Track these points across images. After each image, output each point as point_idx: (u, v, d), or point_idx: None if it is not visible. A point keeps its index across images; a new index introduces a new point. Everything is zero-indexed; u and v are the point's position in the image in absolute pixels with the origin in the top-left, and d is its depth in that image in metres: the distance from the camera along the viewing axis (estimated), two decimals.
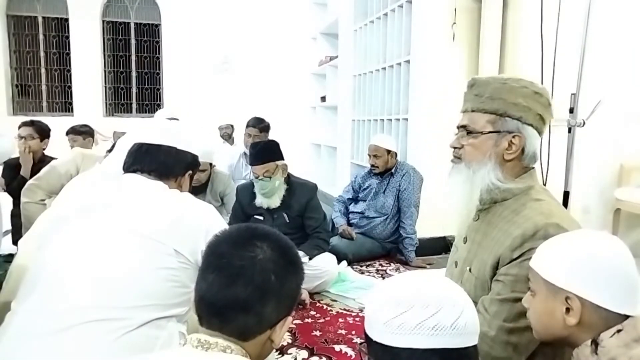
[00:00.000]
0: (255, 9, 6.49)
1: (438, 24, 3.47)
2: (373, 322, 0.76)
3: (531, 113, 1.16)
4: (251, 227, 0.90)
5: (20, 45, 6.53)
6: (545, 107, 1.18)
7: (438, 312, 0.70)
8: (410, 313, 0.71)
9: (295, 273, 0.88)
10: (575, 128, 2.19)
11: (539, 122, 1.18)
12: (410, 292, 0.74)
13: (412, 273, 0.82)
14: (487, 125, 1.18)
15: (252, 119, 3.87)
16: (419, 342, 0.70)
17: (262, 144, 2.66)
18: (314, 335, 2.20)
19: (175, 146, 1.40)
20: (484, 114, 1.18)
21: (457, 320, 0.71)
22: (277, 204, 2.65)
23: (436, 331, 0.70)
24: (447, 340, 0.70)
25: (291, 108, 6.65)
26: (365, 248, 3.39)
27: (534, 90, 1.17)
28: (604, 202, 2.98)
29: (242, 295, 0.79)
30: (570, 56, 2.30)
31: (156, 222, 1.19)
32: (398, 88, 3.93)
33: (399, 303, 0.73)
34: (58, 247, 1.19)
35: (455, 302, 0.73)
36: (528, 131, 1.16)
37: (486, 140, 1.18)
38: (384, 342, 0.73)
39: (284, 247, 0.87)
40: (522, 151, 1.18)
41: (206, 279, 0.82)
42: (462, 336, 0.71)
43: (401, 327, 0.71)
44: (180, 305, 1.19)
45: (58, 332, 1.05)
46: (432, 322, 0.70)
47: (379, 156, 3.43)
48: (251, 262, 0.81)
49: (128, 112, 6.92)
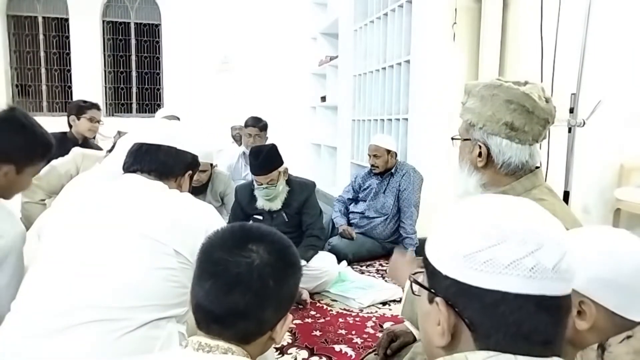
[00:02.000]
0: (255, 8, 6.49)
1: (438, 24, 3.47)
2: (445, 252, 0.60)
3: (496, 123, 1.14)
4: (245, 228, 0.87)
5: (20, 45, 6.52)
6: (517, 114, 1.13)
7: (539, 249, 0.56)
8: (503, 248, 0.56)
9: (293, 274, 0.86)
10: (575, 128, 2.19)
11: (507, 131, 1.14)
12: (502, 221, 0.58)
13: (498, 197, 0.66)
14: (464, 133, 1.24)
15: (250, 118, 3.86)
16: (512, 285, 0.55)
17: (264, 153, 2.57)
18: (314, 335, 2.20)
19: (175, 146, 1.40)
20: (463, 122, 1.24)
21: (560, 262, 0.56)
22: (279, 206, 2.66)
23: (535, 273, 0.55)
24: (547, 285, 0.56)
25: (291, 108, 6.65)
26: (365, 248, 3.39)
27: (506, 97, 1.13)
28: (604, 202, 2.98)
29: (240, 303, 0.77)
30: (570, 56, 2.30)
31: (156, 222, 1.19)
32: (398, 88, 3.93)
33: (487, 234, 0.57)
34: (57, 247, 1.19)
35: (559, 240, 0.58)
36: (493, 140, 1.16)
37: (464, 147, 1.25)
38: (462, 279, 0.58)
39: (280, 249, 0.85)
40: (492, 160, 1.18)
41: (202, 286, 0.80)
42: (563, 282, 0.57)
43: (489, 264, 0.56)
44: (179, 305, 1.19)
45: (57, 332, 1.05)
46: (531, 261, 0.55)
47: (379, 156, 3.43)
48: (248, 268, 0.79)
49: (128, 112, 6.92)
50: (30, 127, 1.39)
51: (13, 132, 1.34)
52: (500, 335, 0.56)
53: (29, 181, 1.44)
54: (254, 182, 2.65)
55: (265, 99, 6.41)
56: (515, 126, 1.14)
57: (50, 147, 1.45)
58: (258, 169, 2.57)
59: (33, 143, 1.38)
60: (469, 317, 0.58)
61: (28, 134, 1.37)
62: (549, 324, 0.57)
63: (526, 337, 0.56)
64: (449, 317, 0.59)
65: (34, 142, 1.39)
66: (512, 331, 0.56)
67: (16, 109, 1.40)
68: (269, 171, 2.56)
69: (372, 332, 2.24)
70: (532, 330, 0.56)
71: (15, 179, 1.37)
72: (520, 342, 0.56)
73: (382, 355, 1.38)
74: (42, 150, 1.42)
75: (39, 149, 1.41)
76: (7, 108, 1.37)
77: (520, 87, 1.15)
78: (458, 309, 0.58)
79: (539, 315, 0.56)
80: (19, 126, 1.36)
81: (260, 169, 2.56)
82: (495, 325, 0.56)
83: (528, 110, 1.13)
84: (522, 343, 0.56)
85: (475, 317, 0.57)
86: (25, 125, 1.37)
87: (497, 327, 0.56)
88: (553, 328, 0.57)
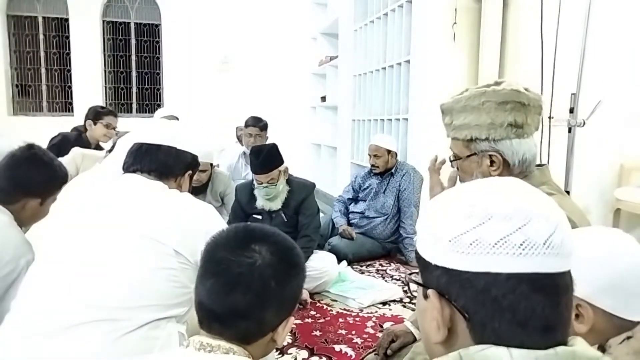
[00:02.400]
0: (255, 8, 6.49)
1: (438, 24, 3.47)
2: (431, 240, 0.57)
3: (499, 128, 1.15)
4: (249, 228, 0.87)
5: (20, 45, 6.52)
6: (515, 111, 1.15)
7: (526, 224, 0.51)
8: (489, 226, 0.52)
9: (296, 276, 0.85)
10: (575, 128, 2.19)
11: (513, 130, 1.16)
12: (484, 200, 0.54)
13: (481, 180, 0.62)
14: (464, 150, 1.22)
15: (250, 118, 3.85)
16: (502, 265, 0.51)
17: (264, 153, 2.57)
18: (314, 335, 2.20)
19: (175, 146, 1.40)
20: (459, 141, 1.23)
21: (551, 236, 0.52)
22: (278, 206, 2.66)
23: (525, 249, 0.51)
24: (539, 262, 0.51)
25: (291, 108, 6.65)
26: (365, 248, 3.39)
27: (497, 101, 1.14)
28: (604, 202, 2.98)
29: (241, 302, 0.77)
30: (570, 56, 2.30)
31: (156, 222, 1.19)
32: (398, 88, 3.93)
33: (470, 214, 0.54)
34: (57, 247, 1.19)
35: (548, 213, 0.53)
36: (503, 145, 1.17)
37: (469, 163, 1.22)
38: (451, 265, 0.54)
39: (283, 250, 0.84)
40: (508, 164, 1.18)
41: (204, 284, 0.80)
42: (558, 257, 0.52)
43: (476, 245, 0.52)
44: (179, 305, 1.19)
45: (57, 332, 1.05)
46: (519, 237, 0.51)
47: (380, 156, 3.43)
48: (250, 268, 0.79)
49: (128, 112, 6.92)
50: (50, 162, 1.52)
51: (35, 169, 1.47)
52: (496, 324, 0.52)
53: (48, 210, 1.55)
54: (254, 182, 2.65)
55: (265, 99, 6.41)
56: (519, 123, 1.15)
57: (66, 178, 1.57)
58: (259, 168, 2.57)
59: (54, 177, 1.52)
60: (463, 306, 0.54)
61: (49, 170, 1.51)
62: (547, 306, 0.52)
63: (523, 324, 0.52)
64: (442, 310, 0.56)
65: (54, 176, 1.52)
66: (507, 318, 0.52)
67: (34, 146, 1.52)
68: (270, 170, 2.56)
69: (372, 332, 2.24)
70: (529, 315, 0.51)
71: (39, 210, 1.50)
72: (517, 330, 0.52)
73: (382, 355, 1.38)
74: (61, 182, 1.54)
75: (58, 182, 1.54)
76: (25, 146, 1.50)
77: (504, 87, 1.16)
78: (451, 298, 0.55)
79: (534, 297, 0.51)
80: (42, 164, 1.49)
81: (260, 168, 2.57)
82: (489, 313, 0.52)
83: (524, 104, 1.15)
84: (519, 331, 0.52)
85: (469, 305, 0.53)
86: (46, 162, 1.51)
87: (491, 315, 0.52)
88: (552, 311, 0.52)
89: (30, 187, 1.46)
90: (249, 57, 6.60)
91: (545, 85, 2.28)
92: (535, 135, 1.24)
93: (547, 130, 2.25)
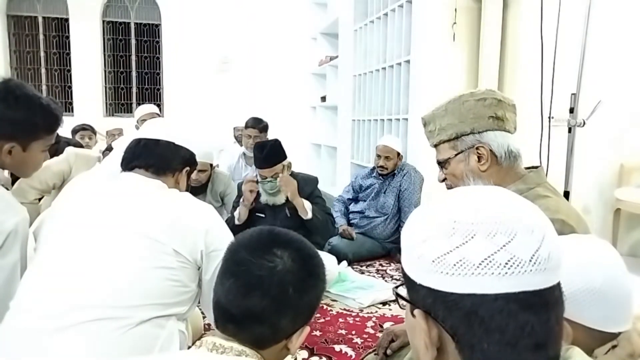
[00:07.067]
0: (255, 9, 6.49)
1: (438, 24, 3.47)
2: (415, 259, 0.55)
3: (482, 120, 1.21)
4: (274, 232, 0.86)
5: (20, 45, 6.53)
6: (494, 106, 1.21)
7: (511, 241, 0.50)
8: (472, 245, 0.50)
9: (315, 286, 0.84)
10: (576, 128, 2.19)
11: (495, 122, 1.21)
12: (467, 215, 0.52)
13: (465, 189, 0.59)
14: (450, 152, 1.26)
15: (250, 119, 3.85)
16: (488, 286, 0.49)
17: (268, 147, 2.60)
18: (314, 335, 2.20)
19: (173, 141, 1.41)
20: (444, 144, 1.27)
21: (537, 251, 0.50)
22: (282, 200, 2.66)
23: (510, 268, 0.49)
24: (527, 280, 0.49)
25: (291, 108, 6.64)
26: (366, 248, 3.39)
27: (475, 99, 1.21)
28: (604, 202, 2.98)
29: (257, 306, 0.77)
30: (570, 56, 2.30)
31: (155, 222, 1.19)
32: (398, 88, 3.93)
33: (452, 232, 0.52)
34: (57, 246, 1.19)
35: (533, 226, 0.51)
36: (488, 136, 1.21)
37: (457, 164, 1.26)
38: (435, 286, 0.52)
39: (305, 257, 0.83)
40: (496, 157, 1.21)
41: (223, 284, 0.80)
42: (545, 272, 0.50)
43: (460, 266, 0.50)
44: (180, 304, 1.19)
45: (57, 331, 1.05)
46: (504, 255, 0.49)
47: (391, 158, 3.38)
48: (269, 272, 0.78)
49: (128, 112, 6.92)
50: (25, 99, 1.25)
51: (6, 106, 1.22)
52: (485, 345, 0.51)
53: (40, 157, 1.35)
54: (258, 177, 2.66)
55: (265, 99, 6.41)
56: (499, 116, 1.21)
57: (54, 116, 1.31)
58: (263, 162, 2.59)
59: (31, 116, 1.26)
60: (451, 327, 0.52)
61: (24, 108, 1.25)
62: (537, 324, 0.50)
63: (513, 344, 0.50)
64: (429, 331, 0.54)
65: (31, 115, 1.26)
66: (496, 338, 0.50)
67: (11, 80, 1.28)
68: (274, 164, 2.58)
69: (372, 332, 2.24)
70: (518, 335, 0.50)
71: (23, 157, 1.28)
72: (507, 350, 0.50)
73: (382, 355, 1.37)
74: (44, 123, 1.28)
75: (40, 122, 1.28)
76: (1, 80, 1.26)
77: (479, 89, 1.24)
78: (438, 319, 0.53)
79: (523, 315, 0.50)
80: (13, 100, 1.24)
81: (265, 162, 2.58)
82: (477, 334, 0.51)
83: (500, 100, 1.21)
84: (510, 351, 0.50)
85: (457, 326, 0.52)
86: (19, 97, 1.25)
87: (479, 336, 0.51)
88: (542, 327, 0.51)
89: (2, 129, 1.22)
90: (249, 57, 6.60)
91: (545, 85, 2.28)
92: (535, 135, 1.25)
93: (547, 130, 2.25)
